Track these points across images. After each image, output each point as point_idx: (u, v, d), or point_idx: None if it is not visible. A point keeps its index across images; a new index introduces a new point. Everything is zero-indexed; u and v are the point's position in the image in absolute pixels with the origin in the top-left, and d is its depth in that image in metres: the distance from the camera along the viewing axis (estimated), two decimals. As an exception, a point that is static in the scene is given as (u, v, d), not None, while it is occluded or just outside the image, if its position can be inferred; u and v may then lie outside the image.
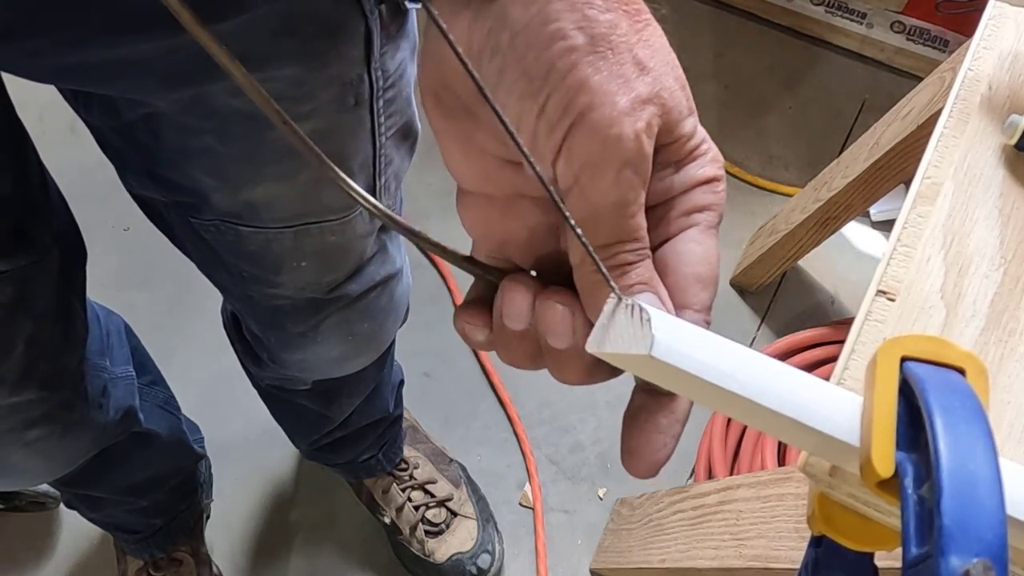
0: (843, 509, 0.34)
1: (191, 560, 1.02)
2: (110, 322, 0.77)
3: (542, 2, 0.26)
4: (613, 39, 0.26)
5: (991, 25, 0.52)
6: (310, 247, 0.55)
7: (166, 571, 1.00)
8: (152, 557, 0.99)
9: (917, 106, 0.91)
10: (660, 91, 0.26)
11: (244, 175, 0.49)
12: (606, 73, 0.25)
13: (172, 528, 0.98)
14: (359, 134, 0.50)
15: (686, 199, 0.28)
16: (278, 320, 0.64)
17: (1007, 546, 0.20)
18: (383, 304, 0.66)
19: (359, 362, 0.73)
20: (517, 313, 0.28)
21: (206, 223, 0.54)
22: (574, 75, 0.25)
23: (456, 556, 1.03)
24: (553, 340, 0.27)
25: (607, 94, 0.25)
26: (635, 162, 0.26)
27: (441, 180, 1.35)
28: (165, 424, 0.87)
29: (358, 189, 0.26)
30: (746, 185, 1.40)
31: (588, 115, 0.25)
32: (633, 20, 0.26)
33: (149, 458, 0.84)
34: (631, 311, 0.24)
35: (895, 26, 1.51)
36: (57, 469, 0.66)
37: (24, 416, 0.57)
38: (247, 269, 0.58)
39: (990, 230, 0.43)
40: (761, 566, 0.62)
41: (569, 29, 0.25)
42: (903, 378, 0.25)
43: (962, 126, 0.47)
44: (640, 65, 0.26)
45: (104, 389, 0.68)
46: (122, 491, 0.86)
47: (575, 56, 0.25)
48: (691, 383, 0.24)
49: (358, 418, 0.90)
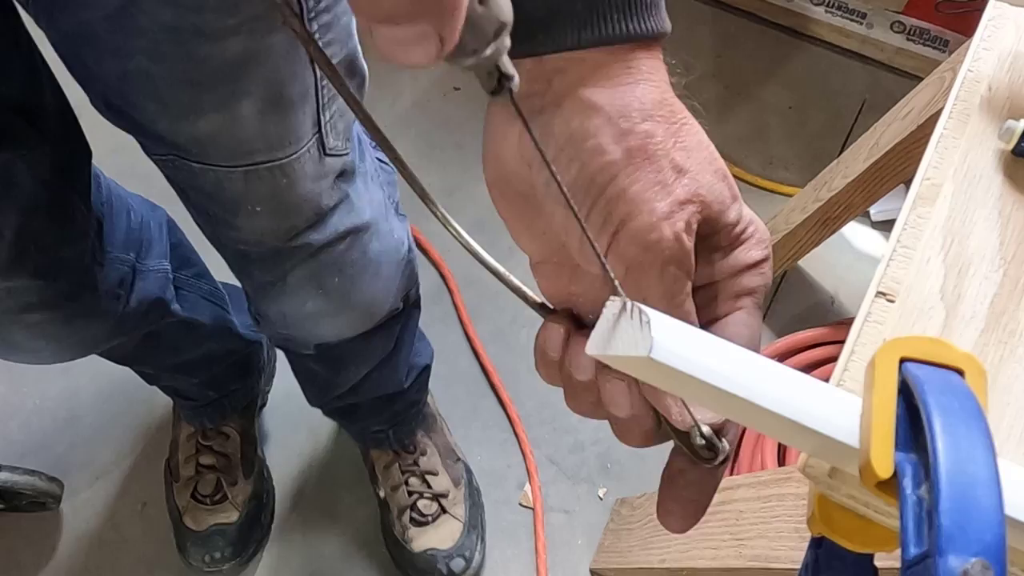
0: (843, 510, 0.34)
1: (238, 437, 1.09)
2: (151, 216, 0.81)
3: (581, 118, 0.28)
4: (650, 148, 0.27)
5: (991, 26, 0.52)
6: (262, 191, 0.57)
7: (213, 441, 1.07)
8: (203, 426, 1.06)
9: (917, 106, 0.91)
10: (698, 189, 0.28)
11: (183, 101, 0.51)
12: (643, 183, 0.27)
13: (225, 403, 1.05)
14: (294, 57, 0.51)
15: (735, 283, 0.30)
16: (246, 267, 0.67)
17: (1005, 546, 0.20)
18: (354, 259, 0.67)
19: (342, 322, 0.74)
20: (584, 366, 0.29)
21: (163, 158, 0.56)
22: (613, 187, 0.27)
23: (432, 551, 1.03)
24: (614, 410, 0.29)
25: (645, 202, 0.27)
26: (677, 259, 0.27)
27: (442, 180, 1.35)
28: (208, 314, 0.91)
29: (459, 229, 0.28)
30: (746, 185, 1.40)
31: (628, 224, 0.27)
32: (669, 123, 0.28)
33: (195, 342, 0.91)
34: (632, 314, 0.24)
35: (895, 26, 1.51)
36: (71, 351, 0.71)
37: (21, 300, 0.61)
38: (209, 207, 0.61)
39: (990, 231, 0.43)
40: (761, 566, 0.62)
41: (608, 144, 0.27)
42: (902, 379, 0.25)
43: (962, 127, 0.47)
44: (678, 168, 0.28)
45: (123, 281, 0.72)
46: (173, 368, 0.94)
47: (614, 169, 0.27)
48: (691, 385, 0.24)
49: (369, 388, 0.91)
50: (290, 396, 1.19)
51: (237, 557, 1.04)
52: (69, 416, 1.18)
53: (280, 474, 1.15)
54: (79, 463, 1.14)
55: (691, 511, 0.30)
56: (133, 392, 1.18)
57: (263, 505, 1.09)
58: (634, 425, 0.29)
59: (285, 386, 1.19)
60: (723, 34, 1.58)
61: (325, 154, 0.58)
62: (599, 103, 0.28)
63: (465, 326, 1.26)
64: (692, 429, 0.28)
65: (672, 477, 0.30)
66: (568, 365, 0.30)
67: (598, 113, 0.28)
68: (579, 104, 0.28)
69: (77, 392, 1.20)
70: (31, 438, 1.16)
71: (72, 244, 0.64)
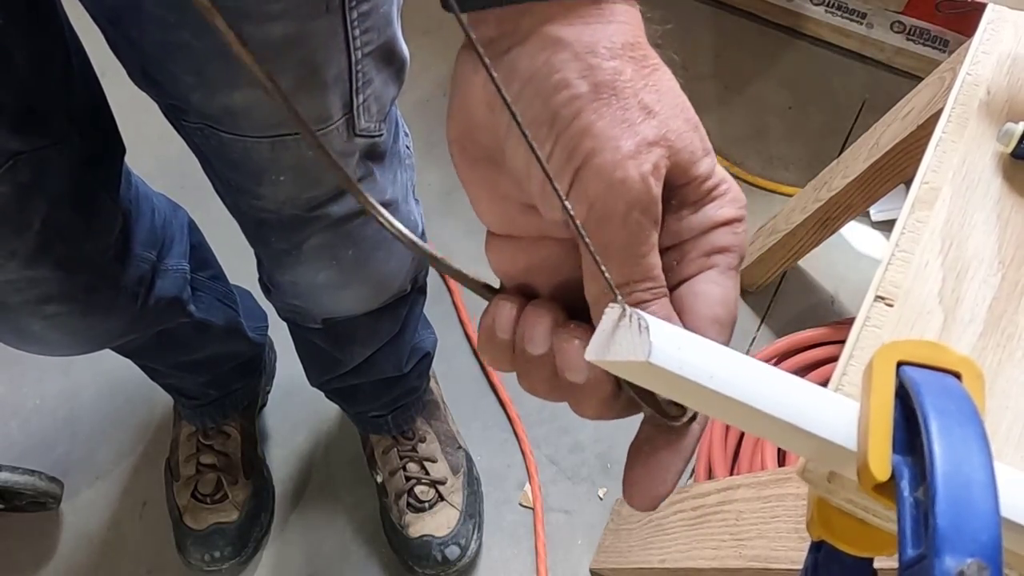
0: (841, 514, 0.34)
1: (239, 436, 1.09)
2: (174, 216, 0.82)
3: (547, 53, 0.27)
4: (618, 85, 0.26)
5: (990, 29, 0.52)
6: (287, 161, 0.58)
7: (214, 440, 1.07)
8: (203, 426, 1.07)
9: (917, 106, 0.91)
10: (667, 133, 0.26)
11: (220, 75, 0.51)
12: (609, 119, 0.26)
13: (226, 402, 1.06)
14: (332, 43, 0.52)
15: (705, 240, 0.28)
16: (263, 235, 0.67)
17: (1001, 547, 0.20)
18: (369, 234, 0.68)
19: (352, 296, 0.75)
20: (538, 337, 0.28)
21: (193, 126, 0.56)
22: (578, 122, 0.26)
23: (427, 537, 1.03)
24: (571, 375, 0.28)
25: (611, 139, 0.26)
26: (643, 204, 0.26)
27: (441, 180, 1.35)
28: (222, 316, 0.92)
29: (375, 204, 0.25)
30: (746, 185, 1.40)
31: (592, 160, 0.26)
32: (639, 66, 0.27)
33: (205, 343, 0.91)
34: (630, 319, 0.25)
35: (895, 26, 1.51)
36: (85, 345, 0.71)
37: (41, 291, 0.61)
38: (232, 177, 0.61)
39: (988, 235, 0.43)
40: (761, 566, 0.62)
41: (573, 78, 0.26)
42: (899, 382, 0.25)
43: (961, 130, 0.47)
44: (646, 109, 0.26)
45: (143, 278, 0.72)
46: (179, 366, 0.94)
47: (579, 103, 0.26)
48: (690, 389, 0.24)
49: (370, 370, 0.92)
50: (290, 396, 1.19)
51: (237, 556, 1.05)
52: (69, 416, 1.18)
53: (280, 474, 1.15)
54: (79, 463, 1.15)
55: (658, 479, 0.28)
56: (133, 392, 1.19)
57: (263, 504, 1.10)
58: (592, 391, 0.28)
59: (285, 386, 1.19)
60: (722, 34, 1.58)
61: (355, 134, 0.59)
62: (566, 38, 0.27)
63: (465, 326, 1.26)
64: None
65: (638, 447, 0.29)
66: (521, 341, 0.29)
67: (564, 48, 0.26)
68: (545, 40, 0.27)
69: (77, 392, 1.20)
70: (31, 438, 1.17)
71: (96, 238, 0.64)
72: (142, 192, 0.75)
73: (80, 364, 1.18)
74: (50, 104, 0.55)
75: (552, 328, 0.28)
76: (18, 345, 0.69)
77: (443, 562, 1.03)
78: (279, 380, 1.21)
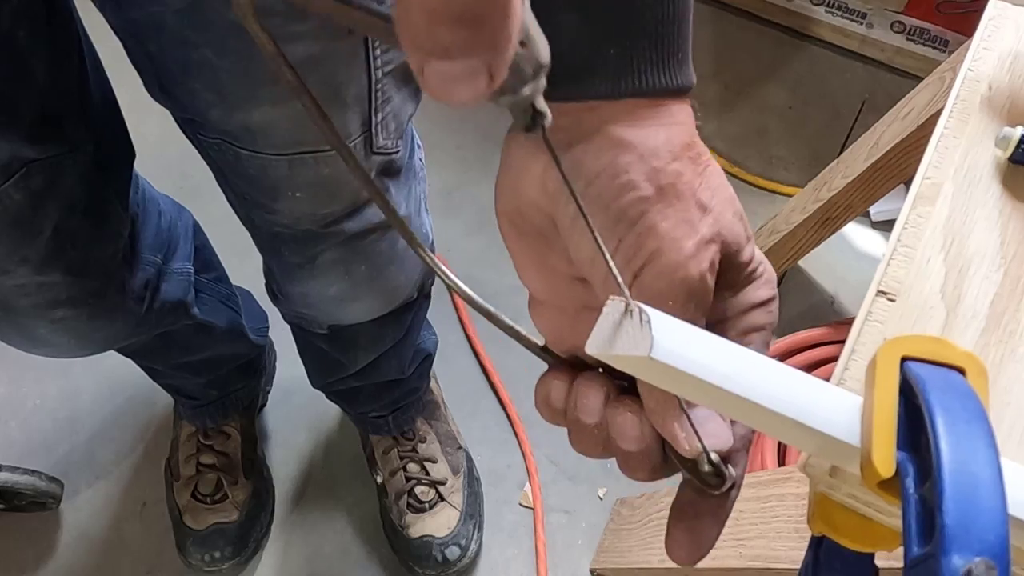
0: (843, 510, 0.34)
1: (239, 436, 1.09)
2: (179, 219, 0.82)
3: (613, 154, 0.28)
4: (679, 186, 0.28)
5: (991, 25, 0.52)
6: (304, 178, 0.58)
7: (214, 440, 1.07)
8: (204, 426, 1.07)
9: (917, 106, 0.91)
10: (720, 229, 0.29)
11: (241, 93, 0.51)
12: (672, 220, 0.28)
13: (226, 402, 1.06)
14: (353, 63, 0.52)
15: (744, 320, 0.31)
16: (276, 247, 0.68)
17: (1009, 546, 0.20)
18: (383, 249, 0.68)
19: (361, 307, 0.75)
20: (591, 408, 0.30)
21: (210, 141, 0.57)
22: (643, 222, 0.28)
23: (427, 538, 1.03)
24: (624, 444, 0.29)
25: (674, 240, 0.28)
26: (699, 296, 0.28)
27: (441, 180, 1.35)
28: (224, 318, 0.93)
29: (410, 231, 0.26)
30: (746, 185, 1.40)
31: (657, 260, 0.28)
32: (695, 164, 0.29)
33: (207, 344, 0.92)
34: (633, 313, 0.24)
35: (895, 26, 1.51)
36: (90, 348, 0.72)
37: (50, 296, 0.62)
38: (248, 191, 0.61)
39: (990, 231, 0.43)
40: (761, 566, 0.62)
41: (639, 180, 0.28)
42: (903, 378, 0.25)
43: (962, 127, 0.47)
44: (702, 207, 0.28)
45: (148, 282, 0.73)
46: (181, 367, 0.95)
47: (644, 205, 0.28)
48: (691, 384, 0.24)
49: (373, 373, 0.92)
50: (290, 396, 1.19)
51: (237, 556, 1.05)
52: (69, 416, 1.18)
53: (280, 474, 1.14)
54: (79, 463, 1.14)
55: (700, 542, 0.30)
56: (133, 392, 1.18)
57: (263, 504, 1.10)
58: (643, 459, 0.30)
59: (285, 386, 1.19)
60: (723, 34, 1.58)
61: (373, 152, 0.59)
62: (631, 141, 0.28)
63: (465, 326, 1.26)
64: (700, 456, 0.28)
65: (681, 508, 0.31)
66: (574, 410, 0.30)
67: (629, 150, 0.28)
68: (610, 140, 0.29)
69: (77, 392, 1.20)
70: (31, 438, 1.16)
71: (105, 243, 0.65)
72: (149, 195, 0.75)
73: (80, 364, 1.17)
74: (66, 113, 0.55)
75: (604, 401, 0.30)
76: (24, 347, 0.69)
77: (443, 562, 1.03)
78: (279, 380, 1.20)
